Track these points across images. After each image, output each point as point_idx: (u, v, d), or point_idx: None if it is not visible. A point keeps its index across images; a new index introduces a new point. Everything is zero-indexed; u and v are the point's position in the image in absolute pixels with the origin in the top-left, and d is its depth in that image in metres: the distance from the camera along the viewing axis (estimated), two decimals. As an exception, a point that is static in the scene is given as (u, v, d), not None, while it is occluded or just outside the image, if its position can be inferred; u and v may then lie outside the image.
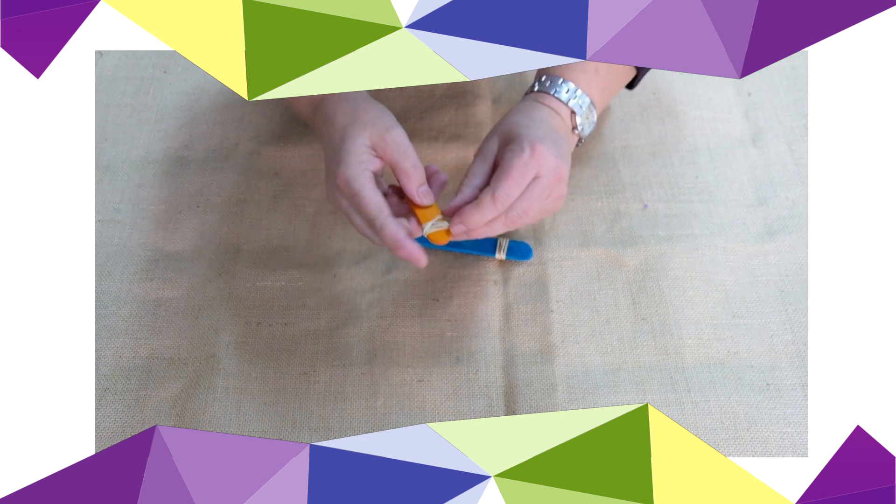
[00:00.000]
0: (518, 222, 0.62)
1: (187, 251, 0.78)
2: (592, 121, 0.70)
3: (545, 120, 0.65)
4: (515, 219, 0.62)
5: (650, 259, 0.75)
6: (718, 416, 0.66)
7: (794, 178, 0.81)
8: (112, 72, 0.93)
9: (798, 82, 0.89)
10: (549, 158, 0.61)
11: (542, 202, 0.62)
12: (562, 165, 0.62)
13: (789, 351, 0.69)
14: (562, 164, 0.62)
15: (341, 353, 0.70)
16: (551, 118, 0.66)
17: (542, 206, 0.63)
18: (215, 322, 0.73)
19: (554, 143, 0.63)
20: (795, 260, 0.75)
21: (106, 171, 0.84)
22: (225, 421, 0.67)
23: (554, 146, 0.62)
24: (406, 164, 0.62)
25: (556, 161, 0.62)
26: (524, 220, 0.62)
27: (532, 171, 0.61)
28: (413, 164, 0.62)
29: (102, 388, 0.68)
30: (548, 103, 0.68)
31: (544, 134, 0.63)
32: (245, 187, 0.82)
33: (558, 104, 0.68)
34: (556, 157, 0.62)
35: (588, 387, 0.68)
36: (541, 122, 0.65)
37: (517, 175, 0.60)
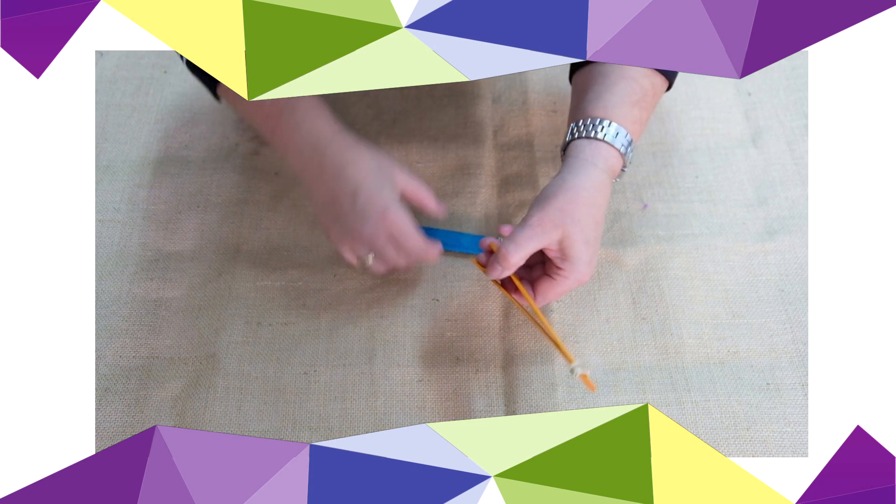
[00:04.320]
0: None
1: (187, 251, 0.78)
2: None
3: (607, 197, 0.66)
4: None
5: (650, 259, 0.75)
6: (718, 415, 0.66)
7: (794, 178, 0.81)
8: (112, 72, 0.93)
9: (798, 82, 0.89)
10: (587, 279, 0.65)
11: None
12: (594, 270, 0.65)
13: (789, 351, 0.69)
14: (594, 268, 0.65)
15: (341, 353, 0.70)
16: (610, 186, 0.66)
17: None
18: (215, 322, 0.73)
19: (596, 249, 0.65)
20: (795, 260, 0.75)
21: (106, 171, 0.84)
22: (225, 421, 0.67)
23: (595, 258, 0.65)
24: (426, 193, 0.70)
25: (590, 275, 0.65)
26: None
27: (568, 291, 0.66)
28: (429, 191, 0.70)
29: (102, 388, 0.68)
30: (612, 162, 0.66)
31: (595, 248, 0.64)
32: (245, 187, 0.82)
33: (619, 160, 0.67)
34: (592, 272, 0.65)
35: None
36: (603, 218, 0.65)
37: (558, 295, 0.65)
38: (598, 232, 0.64)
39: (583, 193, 0.63)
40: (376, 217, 0.65)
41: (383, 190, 0.66)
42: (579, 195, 0.63)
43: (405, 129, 0.87)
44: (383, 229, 0.66)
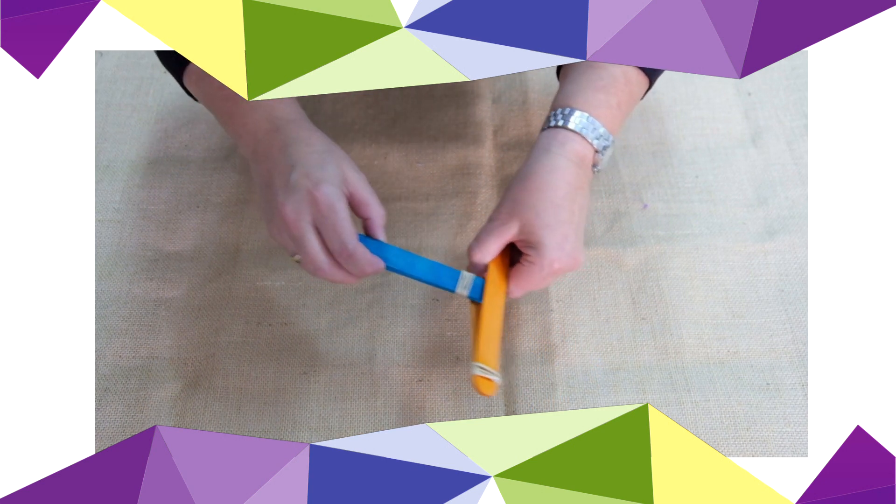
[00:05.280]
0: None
1: (187, 251, 0.78)
2: (609, 155, 0.68)
3: (572, 180, 0.64)
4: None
5: (650, 259, 0.75)
6: (718, 415, 0.66)
7: (794, 177, 0.81)
8: (112, 72, 0.93)
9: (798, 82, 0.89)
10: (567, 263, 0.63)
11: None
12: (576, 254, 0.64)
13: (789, 350, 0.69)
14: (576, 252, 0.64)
15: (341, 353, 0.70)
16: (577, 171, 0.65)
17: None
18: (215, 322, 0.73)
19: (574, 232, 0.64)
20: (795, 260, 0.75)
21: (106, 171, 0.84)
22: (225, 421, 0.67)
23: (571, 238, 0.63)
24: (375, 203, 0.63)
25: (572, 259, 0.64)
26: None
27: (550, 278, 0.64)
28: (380, 205, 0.63)
29: (102, 388, 0.68)
30: (576, 146, 0.65)
31: (566, 231, 0.63)
32: (245, 187, 0.82)
33: (585, 146, 0.66)
34: (570, 256, 0.63)
35: (588, 387, 0.68)
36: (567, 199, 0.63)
37: (534, 286, 0.64)
38: (563, 214, 0.63)
39: (535, 179, 0.64)
40: (304, 192, 0.59)
41: (322, 169, 0.60)
42: (531, 182, 0.64)
43: (405, 129, 0.87)
44: (308, 207, 0.59)
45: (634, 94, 0.69)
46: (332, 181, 0.59)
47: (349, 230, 0.59)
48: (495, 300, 0.64)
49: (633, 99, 0.69)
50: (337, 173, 0.61)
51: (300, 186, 0.59)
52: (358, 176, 0.62)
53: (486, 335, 0.61)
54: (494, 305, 0.63)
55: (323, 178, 0.59)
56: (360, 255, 0.59)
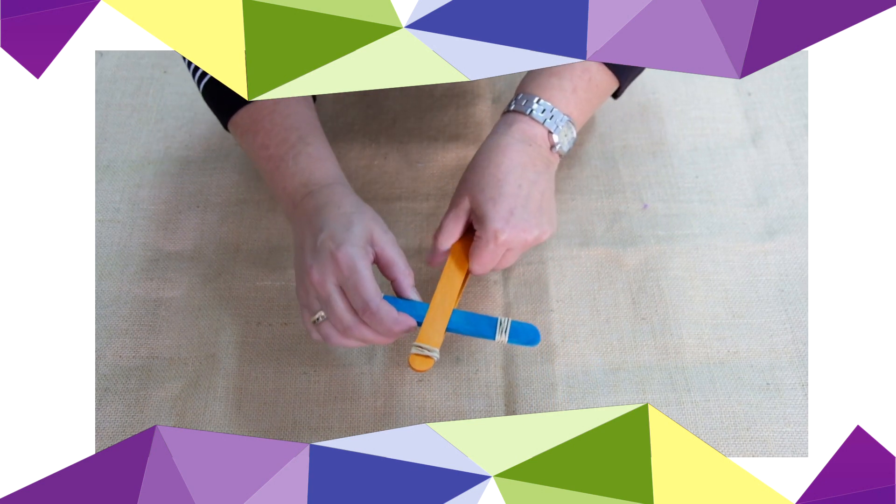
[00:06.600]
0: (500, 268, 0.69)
1: (187, 251, 0.78)
2: (572, 137, 0.70)
3: (517, 157, 0.66)
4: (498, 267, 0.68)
5: (650, 259, 0.75)
6: (718, 415, 0.66)
7: (793, 178, 0.81)
8: (112, 72, 0.93)
9: (798, 82, 0.89)
10: (515, 235, 0.64)
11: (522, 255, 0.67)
12: (527, 227, 0.65)
13: (789, 350, 0.69)
14: (527, 224, 0.65)
15: (341, 353, 0.70)
16: (526, 149, 0.67)
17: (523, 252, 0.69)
18: (215, 322, 0.73)
19: (522, 206, 0.65)
20: (795, 260, 0.75)
21: (106, 171, 0.84)
22: (225, 421, 0.67)
23: (517, 212, 0.64)
24: (402, 263, 0.63)
25: (521, 231, 0.64)
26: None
27: (501, 251, 0.65)
28: (407, 265, 0.64)
29: (102, 388, 0.68)
30: (523, 125, 0.68)
31: (511, 204, 0.64)
32: (245, 187, 0.82)
33: (534, 125, 0.68)
34: (517, 228, 0.64)
35: (588, 386, 0.68)
36: (511, 173, 0.65)
37: (488, 261, 0.65)
38: (508, 188, 0.65)
39: (480, 158, 0.67)
40: (327, 254, 0.60)
41: (347, 231, 0.61)
42: (476, 162, 0.67)
43: (405, 129, 0.87)
44: (332, 269, 0.59)
45: (596, 83, 0.71)
46: (355, 242, 0.60)
47: (371, 289, 0.59)
48: (451, 282, 0.66)
49: (594, 87, 0.71)
50: (362, 234, 0.61)
51: (325, 248, 0.60)
52: (386, 237, 0.63)
53: (431, 317, 0.63)
54: (448, 287, 0.65)
55: (346, 239, 0.60)
56: (384, 313, 0.59)
